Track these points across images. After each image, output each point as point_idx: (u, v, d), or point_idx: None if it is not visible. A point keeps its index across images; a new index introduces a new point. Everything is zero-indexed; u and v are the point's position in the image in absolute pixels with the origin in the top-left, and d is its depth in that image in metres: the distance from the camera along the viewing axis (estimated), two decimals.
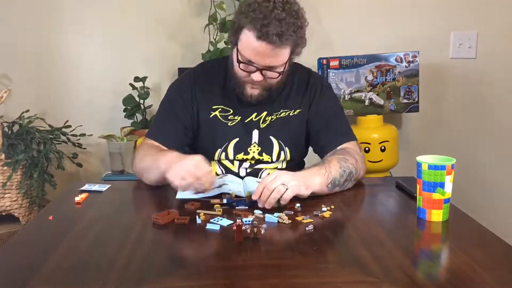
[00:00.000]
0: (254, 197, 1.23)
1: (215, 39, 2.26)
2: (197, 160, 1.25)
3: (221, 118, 1.51)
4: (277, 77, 1.40)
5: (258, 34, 1.30)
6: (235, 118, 1.51)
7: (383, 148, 2.12)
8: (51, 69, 2.35)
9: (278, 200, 1.21)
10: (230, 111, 1.51)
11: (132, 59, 2.35)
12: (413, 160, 1.19)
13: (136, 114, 2.32)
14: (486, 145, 2.46)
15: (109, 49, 2.35)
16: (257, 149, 1.50)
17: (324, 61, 2.18)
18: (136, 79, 2.27)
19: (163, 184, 1.36)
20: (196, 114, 1.52)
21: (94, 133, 2.30)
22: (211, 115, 1.51)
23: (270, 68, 1.38)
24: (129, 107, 2.29)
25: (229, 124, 1.50)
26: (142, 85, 2.28)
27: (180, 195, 1.32)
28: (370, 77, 2.18)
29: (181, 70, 2.27)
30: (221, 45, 2.27)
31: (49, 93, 2.36)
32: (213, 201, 1.27)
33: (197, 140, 1.55)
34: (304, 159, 1.66)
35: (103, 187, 1.42)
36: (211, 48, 2.26)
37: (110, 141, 2.21)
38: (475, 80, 2.41)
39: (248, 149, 1.50)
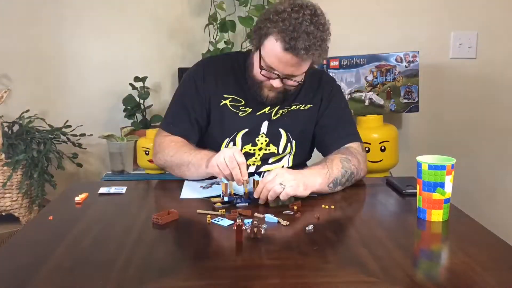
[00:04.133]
0: (255, 195, 1.25)
1: (215, 39, 2.26)
2: (230, 154, 1.28)
3: (231, 108, 1.52)
4: (297, 84, 1.43)
5: (286, 46, 1.31)
6: (246, 109, 1.52)
7: (383, 148, 2.12)
8: (51, 69, 2.35)
9: (277, 199, 1.22)
10: (241, 101, 1.52)
11: (132, 59, 2.35)
12: (413, 160, 1.19)
13: (136, 114, 2.32)
14: (486, 145, 2.46)
15: (109, 49, 2.35)
16: (265, 140, 1.51)
17: (324, 61, 2.18)
18: (136, 79, 2.27)
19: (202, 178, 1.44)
20: (207, 101, 1.53)
21: (94, 133, 2.30)
22: (221, 104, 1.52)
23: (291, 77, 1.39)
24: (129, 107, 2.29)
25: (240, 114, 1.51)
26: (142, 85, 2.28)
27: (184, 195, 1.33)
28: (370, 77, 2.18)
29: (181, 70, 2.28)
30: (221, 45, 2.27)
31: (49, 93, 2.36)
32: (214, 199, 1.27)
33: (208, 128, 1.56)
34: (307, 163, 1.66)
35: (121, 189, 1.41)
36: (211, 48, 2.26)
37: (110, 141, 2.21)
38: (475, 80, 2.41)
39: (256, 139, 1.51)
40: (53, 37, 2.32)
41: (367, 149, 2.12)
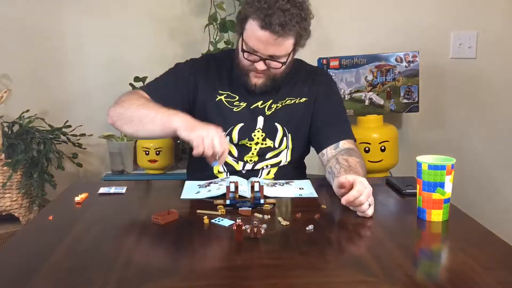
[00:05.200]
0: (346, 200, 1.16)
1: (215, 39, 2.26)
2: (221, 134, 1.27)
3: (226, 103, 1.53)
4: (280, 67, 1.43)
5: (262, 24, 1.34)
6: (241, 104, 1.53)
7: (383, 148, 2.12)
8: (51, 69, 2.35)
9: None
10: (236, 97, 1.54)
11: (132, 59, 2.35)
12: (413, 160, 1.19)
13: None
14: (486, 145, 2.46)
15: (109, 49, 2.35)
16: (261, 135, 1.52)
17: (324, 61, 2.18)
18: (136, 79, 2.27)
19: (151, 138, 1.41)
20: (196, 98, 1.53)
21: (94, 133, 2.30)
22: (217, 99, 1.54)
23: (273, 58, 1.41)
24: None
25: (234, 109, 1.53)
26: (142, 85, 2.28)
27: (184, 195, 1.33)
28: (370, 77, 2.18)
29: None
30: (221, 45, 2.27)
31: (49, 93, 2.36)
32: (216, 201, 1.27)
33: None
34: (304, 161, 1.67)
35: (121, 189, 1.41)
36: (211, 48, 2.26)
37: (110, 141, 2.21)
38: (475, 80, 2.41)
39: (252, 134, 1.52)
40: (53, 37, 2.32)
41: (367, 149, 2.12)
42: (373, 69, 2.17)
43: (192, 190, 1.38)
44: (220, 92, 1.54)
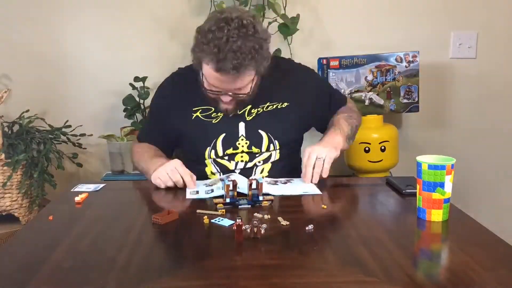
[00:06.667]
0: (306, 181, 1.41)
1: None
2: (172, 165, 1.39)
3: (203, 118, 1.53)
4: (246, 95, 1.43)
5: (216, 68, 1.32)
6: (218, 115, 1.53)
7: (383, 148, 2.12)
8: (51, 69, 2.35)
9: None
10: (211, 109, 1.53)
11: (132, 59, 2.35)
12: (413, 160, 1.19)
13: (136, 114, 2.32)
14: (486, 145, 2.46)
15: (109, 49, 2.35)
16: (246, 143, 1.51)
17: (324, 61, 2.18)
18: (136, 79, 2.27)
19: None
20: (175, 123, 1.56)
21: (94, 133, 2.30)
22: (193, 117, 1.53)
23: (237, 91, 1.40)
24: (129, 107, 2.29)
25: (213, 122, 1.53)
26: (142, 85, 2.28)
27: (189, 195, 1.33)
28: (370, 77, 2.18)
29: None
30: None
31: (49, 93, 2.36)
32: (216, 200, 1.27)
33: (185, 143, 1.58)
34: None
35: (98, 187, 1.44)
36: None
37: (110, 141, 2.21)
38: (475, 80, 2.41)
39: (237, 143, 1.52)
40: (53, 37, 2.32)
41: (367, 149, 2.12)
42: (373, 69, 2.17)
43: (196, 190, 1.38)
44: (194, 109, 1.54)
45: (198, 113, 1.53)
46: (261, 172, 1.53)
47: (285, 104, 1.54)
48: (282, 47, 2.25)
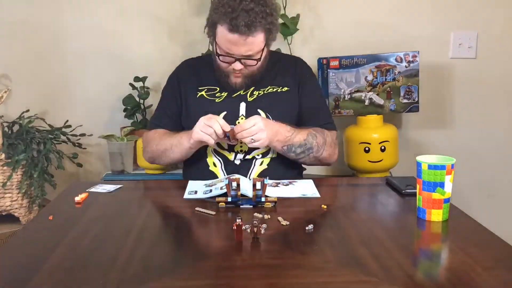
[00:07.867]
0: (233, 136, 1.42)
1: None
2: (206, 117, 1.44)
3: (207, 97, 1.61)
4: (256, 64, 1.51)
5: (229, 27, 1.42)
6: (222, 94, 1.61)
7: (383, 148, 2.12)
8: (51, 69, 2.35)
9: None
10: (216, 89, 1.62)
11: (132, 59, 2.35)
12: (413, 160, 1.19)
13: (136, 114, 2.32)
14: (486, 145, 2.46)
15: (109, 49, 2.35)
16: None
17: (324, 61, 2.18)
18: (136, 79, 2.27)
19: (185, 158, 1.60)
20: (183, 99, 1.65)
21: (94, 133, 2.30)
22: (198, 95, 1.62)
23: (247, 57, 1.49)
24: (129, 107, 2.29)
25: (216, 100, 1.60)
26: (142, 85, 2.28)
27: (187, 195, 1.34)
28: (370, 77, 2.18)
29: None
30: None
31: (49, 93, 2.36)
32: (218, 199, 1.27)
33: (189, 121, 1.60)
34: None
35: (112, 188, 1.43)
36: (211, 48, 2.26)
37: (110, 141, 2.21)
38: (475, 80, 2.41)
39: (236, 122, 1.56)
40: (53, 37, 2.32)
41: (367, 149, 2.12)
42: (373, 69, 2.17)
43: (195, 190, 1.38)
44: (200, 88, 1.63)
45: (203, 92, 1.62)
46: (261, 165, 1.54)
47: (285, 88, 1.62)
48: (282, 47, 2.24)
